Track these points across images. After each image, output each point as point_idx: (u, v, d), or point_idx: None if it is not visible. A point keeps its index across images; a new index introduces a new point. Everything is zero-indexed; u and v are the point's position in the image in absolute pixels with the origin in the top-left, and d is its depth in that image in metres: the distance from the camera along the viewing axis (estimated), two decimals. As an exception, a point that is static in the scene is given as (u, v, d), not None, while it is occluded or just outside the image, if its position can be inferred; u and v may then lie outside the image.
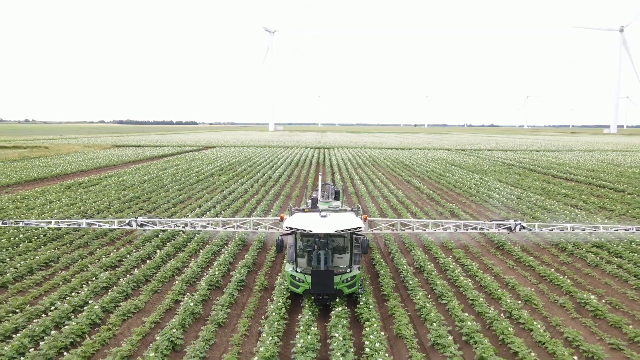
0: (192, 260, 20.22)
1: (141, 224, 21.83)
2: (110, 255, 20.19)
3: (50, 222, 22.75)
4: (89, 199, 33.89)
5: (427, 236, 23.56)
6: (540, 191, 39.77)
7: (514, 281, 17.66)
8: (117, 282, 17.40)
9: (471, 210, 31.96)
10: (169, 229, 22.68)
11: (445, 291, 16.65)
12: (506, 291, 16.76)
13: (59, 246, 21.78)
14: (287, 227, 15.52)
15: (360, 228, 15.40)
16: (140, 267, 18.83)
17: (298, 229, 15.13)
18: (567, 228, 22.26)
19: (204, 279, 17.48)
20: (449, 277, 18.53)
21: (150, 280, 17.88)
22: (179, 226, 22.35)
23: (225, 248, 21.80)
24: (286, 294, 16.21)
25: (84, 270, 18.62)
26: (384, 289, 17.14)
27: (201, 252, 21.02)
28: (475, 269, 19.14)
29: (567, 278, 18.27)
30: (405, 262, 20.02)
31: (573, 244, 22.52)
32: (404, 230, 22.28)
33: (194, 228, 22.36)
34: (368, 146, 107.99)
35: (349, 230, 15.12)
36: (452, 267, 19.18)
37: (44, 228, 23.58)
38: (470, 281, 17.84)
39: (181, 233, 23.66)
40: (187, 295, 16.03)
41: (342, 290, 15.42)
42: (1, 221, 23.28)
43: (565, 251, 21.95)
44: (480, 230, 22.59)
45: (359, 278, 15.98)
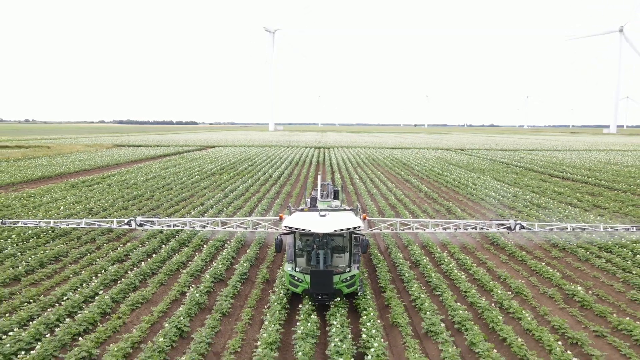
0: (197, 254, 20.98)
1: (140, 223, 21.68)
2: (117, 250, 20.94)
3: (50, 222, 22.81)
4: (94, 196, 34.63)
5: (425, 233, 24.09)
6: (536, 189, 40.49)
7: (505, 274, 18.39)
8: (125, 275, 18.17)
9: (467, 208, 32.68)
10: (168, 228, 22.58)
11: (439, 283, 17.39)
12: (498, 283, 17.50)
13: (66, 242, 22.51)
14: (286, 226, 15.41)
15: (359, 227, 15.29)
16: (146, 261, 19.58)
17: (297, 229, 15.04)
18: (567, 228, 22.12)
19: (208, 272, 18.23)
20: (444, 271, 19.25)
21: (157, 273, 18.65)
22: (178, 226, 22.29)
23: (228, 243, 22.51)
24: (287, 285, 16.63)
25: (92, 264, 19.36)
26: (381, 281, 17.87)
27: (205, 247, 21.79)
28: (469, 263, 19.88)
29: (557, 271, 19.00)
30: (402, 257, 20.75)
31: (564, 239, 23.07)
32: (403, 230, 22.36)
33: (193, 228, 22.36)
34: (368, 146, 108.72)
35: (348, 229, 15.05)
36: (446, 261, 19.91)
37: (44, 227, 23.57)
38: (464, 274, 18.59)
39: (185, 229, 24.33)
40: (192, 287, 16.79)
41: (341, 290, 15.38)
42: (0, 221, 23.46)
43: (557, 246, 22.66)
44: (480, 230, 22.41)
45: (358, 278, 15.91)
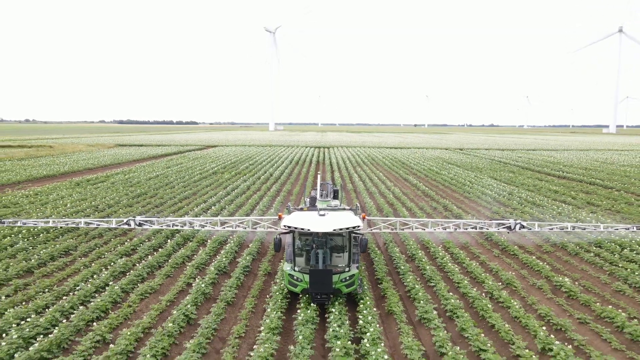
0: (201, 249, 21.79)
1: (139, 223, 21.38)
2: (124, 245, 21.77)
3: (49, 222, 22.73)
4: (99, 194, 35.46)
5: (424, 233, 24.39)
6: (532, 188, 41.30)
7: (497, 267, 19.21)
8: (133, 267, 19.01)
9: (464, 206, 33.49)
10: (167, 228, 22.40)
11: (433, 275, 18.21)
12: (490, 275, 18.32)
13: (75, 237, 23.32)
14: (285, 225, 15.36)
15: (358, 227, 15.28)
16: (153, 255, 20.39)
17: (296, 228, 15.03)
18: (568, 227, 22.06)
19: (212, 264, 19.07)
20: (439, 264, 20.07)
21: (163, 266, 19.49)
22: (177, 225, 22.04)
23: (230, 238, 23.30)
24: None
25: (101, 258, 20.19)
26: (378, 273, 18.69)
27: (209, 242, 22.59)
28: (463, 256, 20.70)
29: (547, 264, 19.81)
30: (398, 251, 21.56)
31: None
32: (403, 229, 22.16)
33: (193, 227, 22.25)
34: (367, 145, 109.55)
35: (347, 229, 15.04)
36: (441, 255, 20.73)
37: (43, 227, 23.39)
38: (458, 267, 19.40)
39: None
40: (197, 278, 17.60)
41: (340, 290, 15.38)
42: None
43: (549, 241, 23.45)
44: (480, 229, 22.21)
45: (358, 277, 15.91)
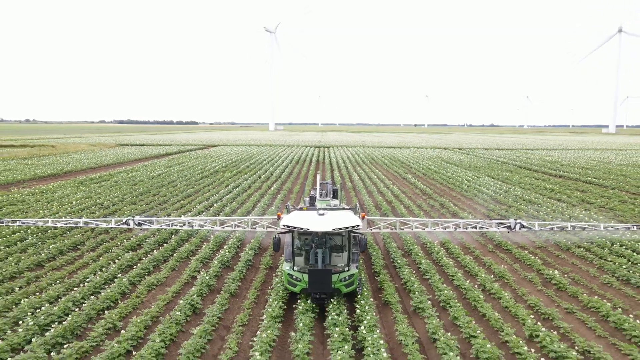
0: (204, 244, 22.51)
1: (138, 222, 21.43)
2: (130, 240, 22.49)
3: (47, 221, 22.78)
4: (103, 192, 36.18)
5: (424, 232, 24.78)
6: (528, 186, 42.00)
7: (490, 261, 19.93)
8: (139, 261, 19.72)
9: (460, 203, 34.20)
10: (166, 228, 22.54)
11: (429, 269, 18.92)
12: (483, 269, 19.04)
13: (82, 232, 24.03)
14: (284, 225, 15.29)
15: (358, 226, 15.24)
16: (158, 249, 21.14)
17: (295, 227, 15.00)
18: (568, 227, 22.30)
19: (216, 258, 19.79)
20: (434, 258, 20.79)
21: (168, 260, 20.21)
22: (176, 225, 22.23)
23: (233, 234, 24.02)
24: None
25: (108, 252, 20.89)
26: (375, 267, 19.42)
27: (212, 237, 23.31)
28: (458, 251, 21.41)
29: (539, 259, 20.51)
30: (396, 246, 22.27)
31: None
32: (402, 229, 22.22)
33: (192, 227, 22.26)
34: (367, 145, 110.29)
35: (346, 228, 14.98)
36: (437, 249, 21.44)
37: (42, 226, 23.46)
38: (452, 261, 20.11)
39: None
40: (202, 271, 18.33)
41: (339, 289, 15.34)
42: None
43: (542, 237, 24.14)
44: (480, 229, 22.21)
45: (357, 277, 15.88)
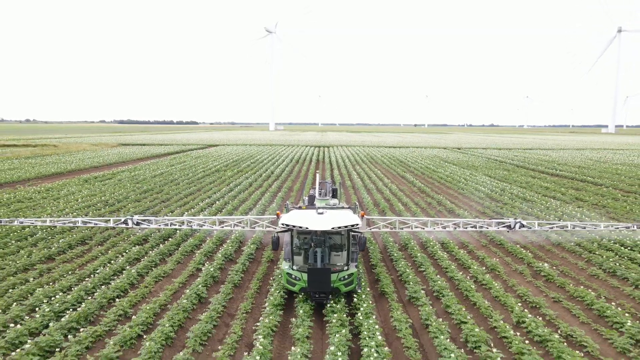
0: (208, 238, 23.32)
1: (137, 222, 21.47)
2: (137, 234, 23.30)
3: (46, 221, 22.99)
4: (107, 190, 36.99)
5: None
6: (524, 185, 42.80)
7: (483, 254, 20.73)
8: (146, 254, 20.53)
9: (457, 201, 34.99)
10: (165, 227, 22.66)
11: (424, 261, 19.72)
12: (475, 262, 19.85)
13: (90, 228, 24.84)
14: (283, 224, 15.28)
15: (357, 225, 15.21)
16: (164, 244, 21.94)
17: (294, 226, 14.98)
18: (568, 226, 22.42)
19: (220, 252, 20.59)
20: (429, 252, 21.58)
21: (174, 253, 21.04)
22: (175, 225, 22.31)
23: (234, 231, 24.79)
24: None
25: (115, 246, 21.72)
26: (373, 260, 20.20)
27: (215, 232, 24.10)
28: (452, 245, 22.20)
29: (529, 252, 21.31)
30: (392, 240, 23.06)
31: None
32: (402, 229, 22.22)
33: (191, 227, 22.28)
34: (367, 145, 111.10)
35: (345, 227, 14.97)
36: (432, 243, 22.23)
37: (40, 226, 23.70)
38: (446, 254, 20.91)
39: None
40: (206, 264, 19.13)
41: (339, 289, 15.30)
42: None
43: (535, 232, 24.91)
44: (480, 228, 22.26)
45: (357, 276, 15.87)
